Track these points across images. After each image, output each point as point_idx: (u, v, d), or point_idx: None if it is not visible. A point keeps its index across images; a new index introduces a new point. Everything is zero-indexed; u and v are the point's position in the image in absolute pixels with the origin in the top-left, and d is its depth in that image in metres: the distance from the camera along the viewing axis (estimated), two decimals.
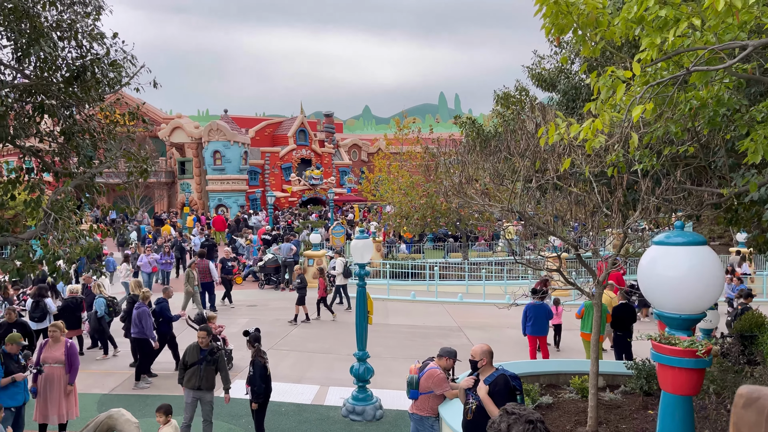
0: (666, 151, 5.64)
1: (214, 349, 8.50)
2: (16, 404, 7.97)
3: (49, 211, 7.38)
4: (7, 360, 8.00)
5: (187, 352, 8.50)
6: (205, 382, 8.36)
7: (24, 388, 8.13)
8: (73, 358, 8.73)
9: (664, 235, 3.67)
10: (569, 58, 9.65)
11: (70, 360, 8.67)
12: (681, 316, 3.59)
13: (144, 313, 11.33)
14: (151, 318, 11.43)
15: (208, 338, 8.52)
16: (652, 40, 3.63)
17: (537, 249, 11.01)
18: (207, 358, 8.36)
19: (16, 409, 8.00)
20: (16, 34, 7.35)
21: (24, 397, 8.12)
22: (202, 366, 8.34)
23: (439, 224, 27.05)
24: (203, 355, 8.38)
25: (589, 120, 3.68)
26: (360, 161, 55.91)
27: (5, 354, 8.04)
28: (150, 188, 42.50)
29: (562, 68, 11.82)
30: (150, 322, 11.38)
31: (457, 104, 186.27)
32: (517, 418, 3.24)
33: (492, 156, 8.81)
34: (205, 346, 8.45)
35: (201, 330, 8.62)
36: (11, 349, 8.06)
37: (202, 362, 8.35)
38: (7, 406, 7.87)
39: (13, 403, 7.93)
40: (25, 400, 8.14)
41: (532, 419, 3.27)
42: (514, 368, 8.58)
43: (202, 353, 8.42)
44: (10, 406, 7.89)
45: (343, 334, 14.66)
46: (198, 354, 8.41)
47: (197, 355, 8.42)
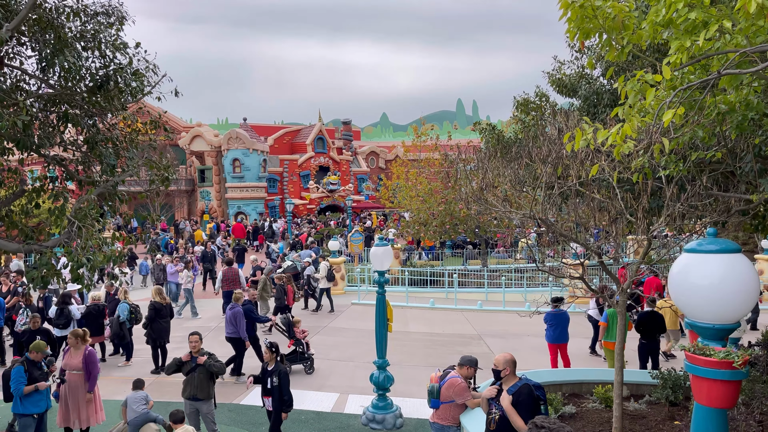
0: (693, 157, 5.54)
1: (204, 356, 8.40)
2: (39, 411, 8.05)
3: (72, 219, 7.46)
4: (31, 367, 8.06)
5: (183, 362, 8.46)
6: (200, 392, 8.22)
7: (47, 395, 8.19)
8: (91, 366, 8.72)
9: (697, 243, 3.58)
10: (595, 59, 9.53)
11: (88, 368, 8.68)
12: (715, 326, 3.49)
13: (239, 314, 11.83)
14: (244, 319, 11.97)
15: (199, 344, 8.45)
16: (681, 44, 3.56)
17: (558, 256, 10.89)
18: (200, 366, 8.27)
19: (38, 415, 8.07)
20: (40, 45, 7.47)
21: (47, 404, 8.18)
22: (195, 374, 8.25)
23: (457, 231, 26.91)
24: (195, 362, 8.30)
25: (618, 125, 3.61)
26: (378, 168, 55.97)
27: (29, 361, 8.09)
28: (170, 196, 42.94)
29: (583, 73, 11.71)
30: (244, 323, 11.92)
31: (475, 111, 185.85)
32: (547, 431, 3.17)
33: (513, 162, 8.75)
34: (196, 352, 8.37)
35: (192, 334, 8.54)
36: (35, 357, 8.10)
37: (195, 369, 8.26)
38: (30, 413, 7.95)
39: (36, 410, 8.00)
40: (47, 406, 8.20)
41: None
42: (536, 377, 8.47)
43: (193, 360, 8.33)
44: (33, 413, 7.96)
45: (363, 342, 14.62)
46: (191, 361, 8.33)
47: (191, 362, 8.34)
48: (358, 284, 22.12)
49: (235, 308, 11.96)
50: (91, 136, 8.42)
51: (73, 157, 8.78)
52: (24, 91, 7.80)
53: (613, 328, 11.36)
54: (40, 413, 8.07)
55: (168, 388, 11.30)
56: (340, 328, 16.71)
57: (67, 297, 12.72)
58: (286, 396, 8.02)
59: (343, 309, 19.33)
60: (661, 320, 11.19)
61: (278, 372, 8.06)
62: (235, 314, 11.88)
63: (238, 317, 11.86)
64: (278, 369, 8.09)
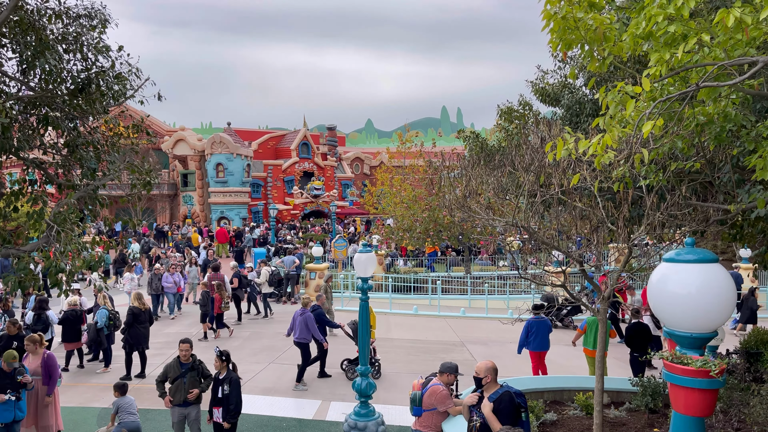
0: (672, 167, 5.61)
1: (196, 363, 8.31)
2: (4, 421, 7.91)
3: (51, 224, 7.36)
4: (1, 376, 7.91)
5: (169, 367, 8.33)
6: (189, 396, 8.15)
7: (13, 406, 7.98)
8: (51, 370, 8.62)
9: (675, 252, 3.63)
10: (576, 70, 9.64)
11: (48, 371, 8.56)
12: (692, 334, 3.53)
13: (310, 318, 11.95)
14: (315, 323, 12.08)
15: (190, 351, 8.36)
16: (661, 56, 3.62)
17: (541, 263, 10.95)
18: (189, 371, 8.19)
19: (5, 425, 7.94)
20: (21, 47, 7.37)
21: (13, 415, 7.96)
22: (185, 380, 8.15)
23: (441, 238, 26.99)
24: (185, 369, 8.22)
25: (599, 136, 3.65)
26: (362, 174, 55.99)
27: (0, 371, 7.94)
28: (152, 200, 42.55)
29: (566, 83, 11.84)
30: (316, 327, 12.00)
31: (460, 118, 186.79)
32: None
33: (496, 170, 8.80)
34: (185, 360, 8.27)
35: (183, 342, 8.44)
36: (5, 367, 7.96)
37: (185, 375, 8.17)
38: None
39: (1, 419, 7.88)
40: (15, 417, 7.99)
41: None
42: (518, 384, 8.49)
43: (183, 367, 8.23)
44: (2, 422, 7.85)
45: (346, 349, 14.56)
46: (179, 368, 8.23)
47: (179, 369, 8.23)
48: (341, 290, 22.07)
49: (306, 313, 12.10)
50: (71, 140, 8.32)
51: (53, 160, 8.67)
52: (3, 93, 7.69)
53: (590, 335, 11.45)
54: (6, 423, 7.92)
55: (146, 396, 11.16)
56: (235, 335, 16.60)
57: (44, 302, 12.52)
58: (232, 405, 7.81)
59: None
60: (648, 331, 11.28)
61: (229, 380, 7.88)
62: (306, 319, 11.99)
63: (310, 322, 11.99)
64: (230, 377, 7.91)
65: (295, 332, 12.22)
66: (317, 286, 22.43)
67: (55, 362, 8.81)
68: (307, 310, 12.23)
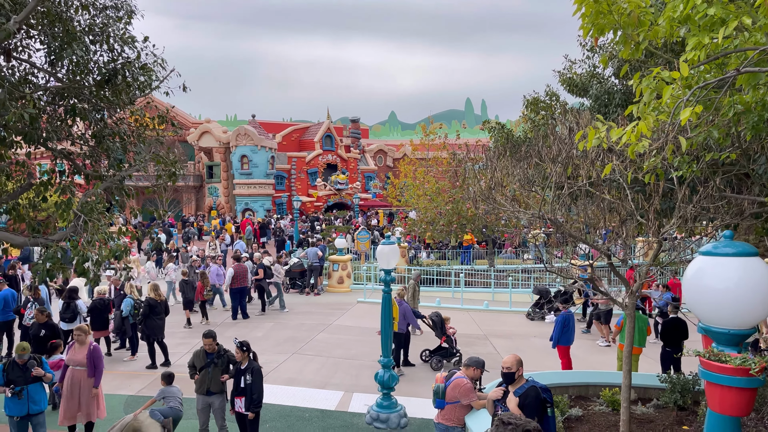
0: (707, 158, 5.43)
1: (222, 352, 8.38)
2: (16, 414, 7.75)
3: (79, 213, 7.43)
4: (14, 369, 7.79)
5: (196, 355, 8.44)
6: (214, 386, 8.24)
7: (27, 399, 7.76)
8: (97, 361, 8.64)
9: (712, 245, 3.49)
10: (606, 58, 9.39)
11: (94, 362, 8.59)
12: (730, 331, 3.39)
13: (408, 308, 12.46)
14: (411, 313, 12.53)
15: (214, 344, 8.42)
16: (699, 40, 3.47)
17: (566, 257, 10.78)
18: (214, 361, 8.26)
19: (20, 418, 7.75)
20: (49, 38, 7.44)
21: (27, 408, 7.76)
22: (210, 369, 8.24)
23: (465, 231, 26.80)
24: (210, 359, 8.30)
25: (633, 123, 3.52)
26: (385, 167, 55.90)
27: (13, 362, 7.85)
28: (178, 192, 43.05)
29: (595, 73, 11.58)
30: (413, 316, 12.51)
31: (484, 110, 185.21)
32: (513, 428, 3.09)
33: (522, 161, 8.65)
34: (211, 351, 8.34)
35: (205, 338, 8.46)
36: (18, 359, 7.83)
37: (210, 365, 8.25)
38: (8, 414, 7.75)
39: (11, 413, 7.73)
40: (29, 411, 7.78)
41: (529, 429, 3.11)
42: (542, 379, 8.38)
43: (208, 357, 8.32)
44: (11, 414, 7.73)
45: (368, 340, 14.57)
46: (205, 358, 8.32)
47: (204, 358, 8.33)
48: (364, 282, 22.07)
49: (403, 304, 12.51)
50: (98, 131, 8.40)
51: (80, 151, 8.77)
52: (32, 84, 7.78)
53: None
54: (20, 416, 7.76)
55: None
56: (346, 326, 16.66)
57: (74, 291, 12.73)
58: (255, 394, 7.85)
59: (349, 307, 19.29)
60: (685, 327, 11.02)
61: (251, 370, 7.92)
62: (405, 309, 12.42)
63: (408, 312, 12.45)
64: (251, 367, 7.95)
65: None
66: (340, 278, 22.51)
67: (100, 353, 8.81)
68: (404, 301, 12.71)
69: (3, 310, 12.82)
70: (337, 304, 19.66)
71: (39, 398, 7.94)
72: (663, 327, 11.18)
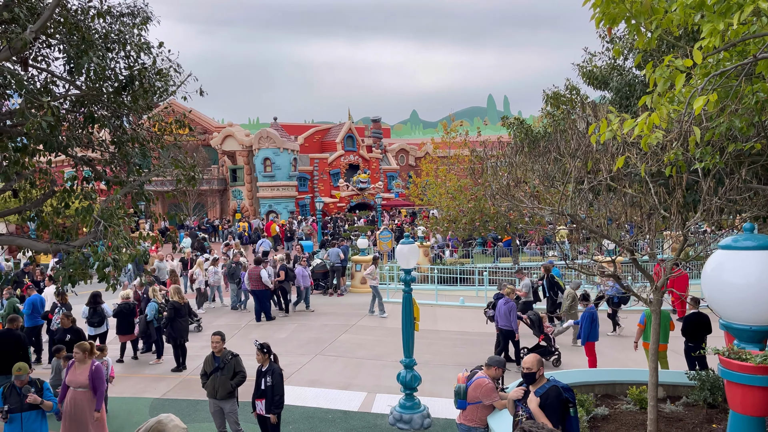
0: (730, 148, 5.26)
1: (228, 358, 8.26)
2: None
3: (99, 219, 7.52)
4: (12, 391, 7.15)
5: (206, 362, 8.39)
6: (221, 390, 8.13)
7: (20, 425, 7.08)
8: (98, 383, 7.96)
9: (732, 239, 3.36)
10: (622, 53, 9.22)
11: (94, 384, 7.93)
12: (752, 327, 3.26)
13: (513, 307, 12.56)
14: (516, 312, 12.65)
15: (221, 344, 8.40)
16: (714, 26, 3.33)
17: (590, 253, 10.59)
18: (220, 367, 8.21)
19: None
20: (67, 46, 7.54)
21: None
22: (217, 374, 8.18)
23: (488, 228, 26.58)
24: (218, 363, 8.23)
25: (645, 114, 3.41)
26: (407, 166, 55.79)
27: (12, 385, 7.19)
28: (203, 195, 43.52)
29: (615, 65, 11.36)
30: (516, 317, 12.58)
31: (506, 106, 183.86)
32: None
33: (541, 157, 8.50)
34: (218, 353, 8.29)
35: (214, 335, 8.42)
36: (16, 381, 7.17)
37: (217, 371, 8.20)
38: None
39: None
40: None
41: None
42: (567, 377, 8.24)
43: (216, 361, 8.25)
44: None
45: (391, 341, 14.52)
46: (213, 363, 8.26)
47: (212, 363, 8.27)
48: (387, 282, 22.02)
49: (509, 303, 12.65)
50: (117, 137, 8.50)
51: (101, 157, 8.88)
52: (51, 92, 7.89)
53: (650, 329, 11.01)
54: None
55: (195, 387, 11.38)
56: (368, 326, 16.64)
57: (98, 296, 12.90)
58: (276, 396, 7.80)
59: None
60: (708, 322, 10.76)
61: (272, 372, 7.86)
62: (510, 308, 12.57)
63: (513, 311, 12.56)
64: (272, 369, 7.89)
65: (499, 320, 12.75)
66: (362, 278, 22.50)
67: (102, 374, 8.15)
68: (510, 300, 12.79)
69: (31, 316, 13.07)
70: (360, 304, 19.65)
71: (35, 428, 7.16)
72: (685, 322, 10.93)
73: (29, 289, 14.31)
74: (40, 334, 13.54)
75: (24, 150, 7.62)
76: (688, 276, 15.46)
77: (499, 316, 12.76)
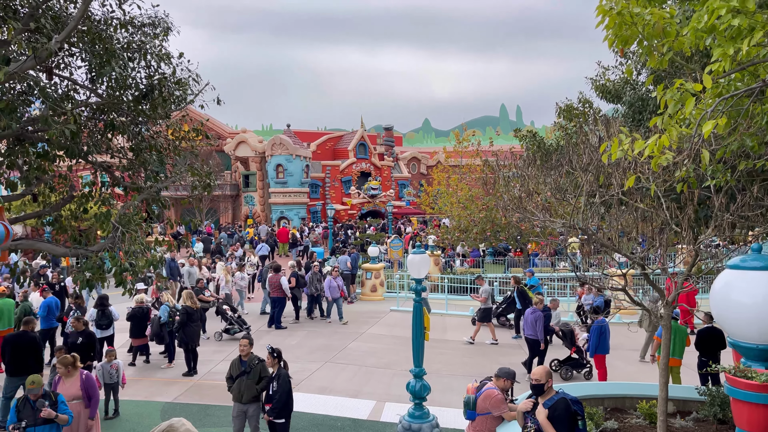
0: (741, 166, 5.30)
1: (254, 363, 8.40)
2: None
3: (117, 225, 7.67)
4: (25, 404, 6.95)
5: (232, 365, 8.52)
6: (247, 394, 8.27)
7: None
8: (92, 391, 7.90)
9: (740, 259, 3.42)
10: (635, 68, 9.27)
11: (88, 393, 7.86)
12: (759, 346, 3.31)
13: (540, 318, 12.56)
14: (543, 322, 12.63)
15: (248, 348, 8.52)
16: (724, 51, 3.40)
17: (601, 266, 10.61)
18: (246, 371, 8.33)
19: None
20: (89, 56, 7.73)
21: None
22: (243, 378, 8.30)
23: (499, 238, 26.60)
24: (244, 367, 8.36)
25: (655, 136, 3.48)
26: (419, 174, 55.88)
27: (26, 399, 6.98)
28: (215, 201, 43.85)
29: (628, 79, 11.40)
30: (542, 327, 12.58)
31: (519, 116, 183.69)
32: None
33: (553, 170, 8.57)
34: (245, 357, 8.41)
35: (243, 338, 8.56)
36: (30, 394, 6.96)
37: (243, 375, 8.32)
38: None
39: None
40: None
41: None
42: (576, 390, 8.25)
43: (243, 365, 8.38)
44: None
45: (401, 349, 14.56)
46: (240, 367, 8.39)
47: (239, 367, 8.40)
48: (397, 291, 22.07)
49: (536, 312, 12.67)
50: (136, 144, 8.68)
51: (119, 163, 9.06)
52: (73, 100, 8.08)
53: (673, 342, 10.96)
54: None
55: (206, 391, 11.50)
56: (378, 334, 16.69)
57: (105, 299, 13.03)
58: (275, 400, 7.92)
59: (382, 315, 19.31)
60: (722, 336, 10.72)
61: (278, 377, 8.02)
62: (537, 318, 12.61)
63: (540, 321, 12.58)
64: (279, 374, 8.04)
65: (526, 329, 12.77)
66: (373, 286, 22.56)
67: (94, 383, 8.08)
68: (538, 310, 12.75)
69: (46, 318, 13.24)
70: (369, 312, 19.71)
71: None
72: (698, 336, 10.90)
73: (44, 292, 14.50)
74: (55, 337, 13.71)
75: (45, 156, 7.81)
76: (697, 290, 15.38)
77: (526, 325, 12.81)
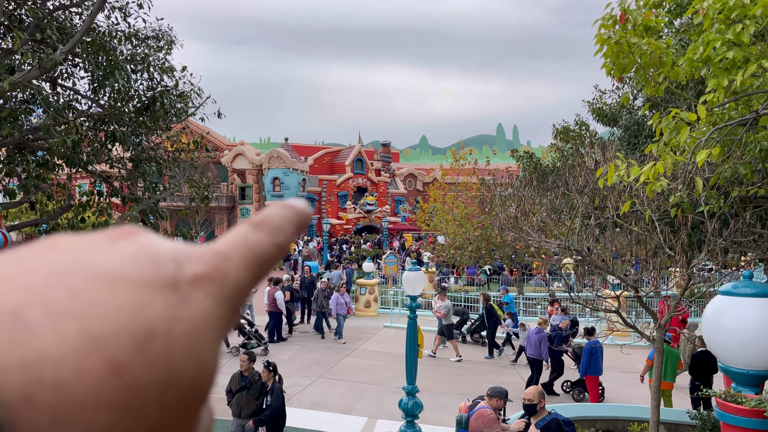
0: (734, 193, 5.40)
1: (255, 379, 8.42)
2: None
3: None
4: None
5: (232, 379, 8.51)
6: (246, 409, 8.26)
7: None
8: None
9: (732, 285, 3.48)
10: (631, 94, 9.42)
11: None
12: (749, 371, 3.36)
13: (544, 338, 12.69)
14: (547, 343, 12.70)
15: (249, 363, 8.53)
16: (719, 82, 3.50)
17: (594, 288, 10.68)
18: (247, 386, 8.33)
19: None
20: (93, 67, 7.81)
21: None
22: (243, 393, 8.30)
23: (493, 257, 26.63)
24: (245, 382, 8.37)
25: (650, 163, 3.56)
26: (415, 191, 56.02)
27: None
28: (211, 213, 43.79)
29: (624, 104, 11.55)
30: (546, 348, 12.63)
31: (516, 135, 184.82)
32: None
33: (549, 191, 8.66)
34: (245, 372, 8.43)
35: (243, 353, 8.61)
36: None
37: (244, 390, 8.33)
38: None
39: None
40: None
41: None
42: (568, 411, 8.27)
43: (243, 380, 8.38)
44: None
45: (393, 366, 14.54)
46: (240, 381, 8.40)
47: (239, 382, 8.41)
48: (391, 307, 22.06)
49: (541, 333, 12.75)
50: (136, 155, 8.73)
51: (118, 174, 9.10)
52: (75, 110, 8.14)
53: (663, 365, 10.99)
54: None
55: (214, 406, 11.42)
56: (371, 350, 16.65)
57: None
58: (267, 412, 8.01)
59: (375, 332, 19.28)
60: (714, 361, 10.76)
61: (272, 390, 8.10)
62: (541, 338, 12.69)
63: (544, 342, 12.66)
64: (273, 388, 8.11)
65: (528, 348, 12.82)
66: (367, 302, 22.54)
67: None
68: (543, 330, 12.81)
69: None
70: (363, 328, 19.68)
71: None
72: (692, 360, 10.94)
73: None
74: None
75: (45, 165, 7.85)
76: (689, 313, 15.44)
77: (529, 344, 12.83)
